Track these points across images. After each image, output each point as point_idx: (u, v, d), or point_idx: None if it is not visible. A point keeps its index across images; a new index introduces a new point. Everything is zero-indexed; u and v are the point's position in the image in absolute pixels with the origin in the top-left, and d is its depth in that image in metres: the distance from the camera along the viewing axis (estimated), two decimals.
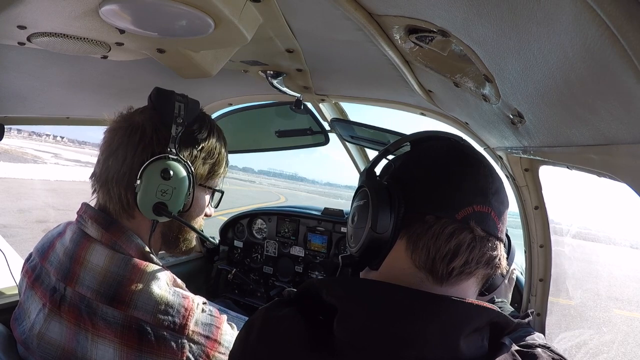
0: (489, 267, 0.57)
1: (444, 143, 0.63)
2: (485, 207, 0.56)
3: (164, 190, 0.85)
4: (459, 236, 0.54)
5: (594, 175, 0.67)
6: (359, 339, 0.50)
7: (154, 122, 0.87)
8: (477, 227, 0.55)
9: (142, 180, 0.84)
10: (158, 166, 0.84)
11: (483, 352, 0.51)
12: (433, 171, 0.59)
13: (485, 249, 0.55)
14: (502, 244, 0.59)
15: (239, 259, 2.23)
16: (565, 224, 5.71)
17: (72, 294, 0.80)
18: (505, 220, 0.60)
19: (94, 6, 0.64)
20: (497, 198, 0.58)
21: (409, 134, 0.68)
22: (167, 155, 0.85)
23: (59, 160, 23.65)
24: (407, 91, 1.10)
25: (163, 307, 0.78)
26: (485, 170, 0.60)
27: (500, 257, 0.58)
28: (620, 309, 5.74)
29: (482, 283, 0.60)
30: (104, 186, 0.87)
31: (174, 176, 0.85)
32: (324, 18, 0.75)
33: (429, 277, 0.55)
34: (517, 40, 0.47)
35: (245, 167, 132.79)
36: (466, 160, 0.61)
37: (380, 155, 0.67)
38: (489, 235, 0.56)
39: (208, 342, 0.81)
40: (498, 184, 0.60)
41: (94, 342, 0.77)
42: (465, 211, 0.55)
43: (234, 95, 1.64)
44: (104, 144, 0.89)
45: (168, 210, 0.86)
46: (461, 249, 0.54)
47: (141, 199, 0.84)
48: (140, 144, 0.85)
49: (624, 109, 0.44)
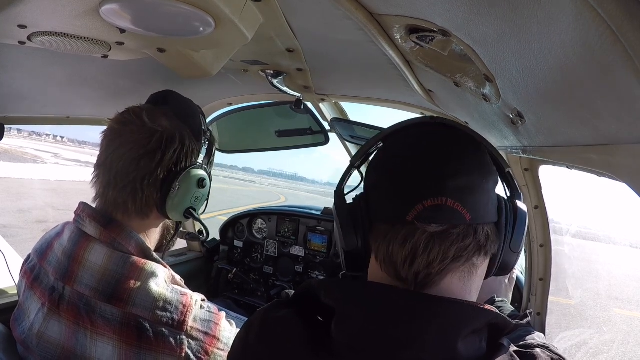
0: (462, 259, 0.53)
1: (401, 137, 0.60)
2: (437, 199, 0.51)
3: (198, 196, 0.94)
4: (412, 239, 0.52)
5: (594, 175, 0.67)
6: (357, 341, 0.50)
7: (189, 133, 0.93)
8: (430, 223, 0.51)
9: (180, 186, 0.89)
10: (196, 175, 0.92)
11: (481, 353, 0.51)
12: (382, 174, 0.57)
13: (449, 243, 0.51)
14: (483, 225, 0.54)
15: (239, 258, 2.23)
16: (565, 224, 5.70)
17: (71, 293, 0.80)
18: (480, 199, 0.54)
19: (94, 5, 0.64)
20: (460, 179, 0.52)
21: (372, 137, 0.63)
22: (202, 165, 0.95)
23: (59, 160, 23.65)
24: (408, 91, 1.10)
25: (161, 304, 0.79)
26: (443, 151, 0.54)
27: (482, 241, 0.53)
28: (621, 308, 5.74)
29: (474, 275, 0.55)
30: (129, 185, 0.85)
31: (206, 184, 0.95)
32: (324, 18, 0.75)
33: (400, 284, 0.54)
34: (517, 40, 0.47)
35: (245, 167, 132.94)
36: (419, 149, 0.56)
37: (347, 170, 0.66)
38: (453, 226, 0.52)
39: (207, 338, 0.82)
40: (460, 162, 0.53)
41: (93, 340, 0.78)
42: (415, 210, 0.51)
43: (234, 95, 1.64)
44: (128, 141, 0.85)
45: (195, 214, 0.95)
46: (417, 251, 0.52)
47: (175, 203, 0.90)
48: (176, 151, 0.89)
49: (624, 109, 0.44)
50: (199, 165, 0.93)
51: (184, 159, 0.90)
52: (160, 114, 0.91)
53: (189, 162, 0.91)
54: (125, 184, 0.85)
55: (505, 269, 0.60)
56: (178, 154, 0.88)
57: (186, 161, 0.90)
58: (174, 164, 0.88)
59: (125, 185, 0.85)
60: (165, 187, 0.87)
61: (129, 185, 0.85)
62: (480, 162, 0.56)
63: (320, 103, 1.55)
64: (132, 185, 0.85)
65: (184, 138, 0.90)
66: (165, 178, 0.87)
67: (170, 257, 1.95)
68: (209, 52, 0.90)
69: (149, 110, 0.90)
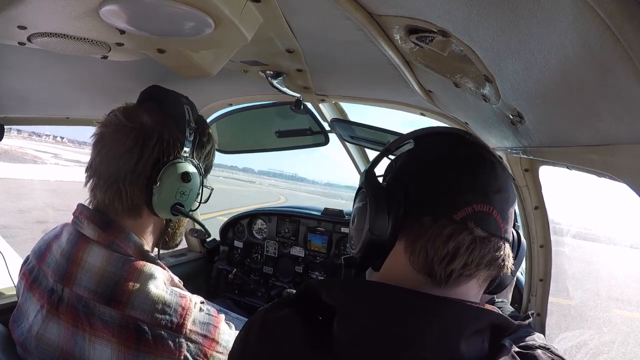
0: (491, 268, 0.55)
1: (446, 139, 0.62)
2: (485, 206, 0.54)
3: (183, 191, 0.90)
4: (458, 238, 0.53)
5: (594, 176, 0.67)
6: (359, 338, 0.50)
7: (169, 125, 0.90)
8: (477, 227, 0.53)
9: (161, 181, 0.86)
10: (178, 169, 0.88)
11: (483, 353, 0.51)
12: (431, 170, 0.58)
13: (487, 250, 0.54)
14: (508, 243, 0.57)
15: (239, 259, 2.22)
16: (565, 224, 5.70)
17: (70, 295, 0.80)
18: (511, 218, 0.58)
19: (94, 6, 0.64)
20: (501, 196, 0.56)
21: (411, 131, 0.66)
22: (185, 158, 0.90)
23: (58, 161, 23.63)
24: (407, 91, 1.10)
25: (160, 307, 0.78)
26: (487, 167, 0.57)
27: (505, 257, 0.56)
28: (621, 309, 5.74)
29: (486, 284, 0.58)
30: (113, 185, 0.86)
31: (192, 179, 0.90)
32: (324, 18, 0.75)
33: (428, 280, 0.54)
34: (517, 40, 0.47)
35: (246, 168, 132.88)
36: (467, 157, 0.59)
37: (381, 155, 0.66)
38: (491, 235, 0.54)
39: (206, 341, 0.81)
40: (502, 181, 0.58)
41: (91, 342, 0.77)
42: (464, 211, 0.53)
43: (234, 95, 1.64)
44: (109, 142, 0.88)
45: (184, 210, 0.91)
46: (460, 250, 0.53)
47: (160, 200, 0.87)
48: (156, 146, 0.87)
49: (624, 109, 0.44)
50: (183, 158, 0.90)
51: (166, 153, 0.88)
52: (142, 111, 0.91)
53: (172, 156, 0.89)
54: (108, 184, 0.86)
55: (501, 288, 0.64)
56: (158, 149, 0.87)
57: (169, 155, 0.88)
58: (156, 159, 0.87)
59: (109, 185, 0.86)
60: (149, 184, 0.86)
61: (113, 186, 0.86)
62: (511, 185, 0.60)
63: (320, 103, 1.55)
64: (115, 185, 0.86)
65: (162, 132, 0.88)
66: (150, 175, 0.86)
67: (170, 258, 1.95)
68: (209, 52, 0.90)
69: (129, 109, 0.91)
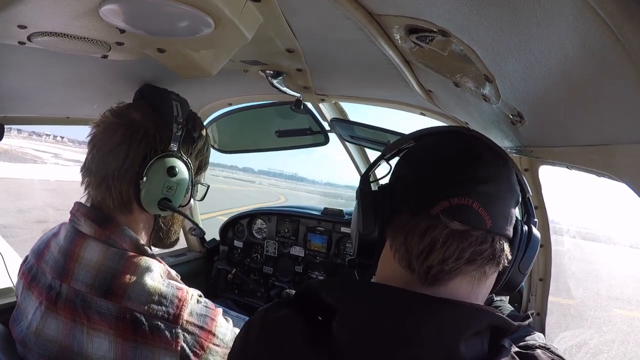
0: (476, 263, 0.53)
1: (436, 138, 0.62)
2: (463, 198, 0.52)
3: (170, 186, 0.90)
4: (433, 232, 0.52)
5: (594, 175, 0.67)
6: (358, 336, 0.50)
7: (155, 121, 0.91)
8: (453, 221, 0.51)
9: (147, 177, 0.87)
10: (164, 164, 0.89)
11: (483, 354, 0.51)
12: (416, 168, 0.59)
13: (466, 244, 0.52)
14: (502, 237, 0.55)
15: (239, 259, 2.22)
16: (565, 224, 5.70)
17: (68, 290, 0.81)
18: (507, 211, 0.56)
19: (94, 6, 0.64)
20: (487, 187, 0.54)
21: (407, 134, 0.66)
22: (171, 153, 0.91)
23: (58, 160, 23.61)
24: (407, 91, 1.10)
25: (156, 298, 0.79)
26: (473, 159, 0.56)
27: (497, 252, 0.54)
28: (621, 308, 5.74)
29: (482, 283, 0.56)
30: (103, 182, 0.88)
31: (178, 173, 0.91)
32: (324, 18, 0.75)
33: (413, 277, 0.54)
34: (517, 40, 0.47)
35: (245, 167, 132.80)
36: (453, 151, 0.58)
37: (377, 160, 0.68)
38: (472, 228, 0.52)
39: (202, 332, 0.82)
40: (492, 172, 0.56)
41: (89, 335, 0.78)
42: (441, 205, 0.52)
43: (234, 95, 1.64)
44: (99, 140, 0.90)
45: (172, 205, 0.91)
46: (436, 245, 0.52)
47: (147, 195, 0.88)
48: (142, 142, 0.88)
49: (624, 109, 0.44)
50: (169, 153, 0.91)
51: (153, 149, 0.89)
52: (132, 109, 0.93)
53: (159, 151, 0.90)
54: (99, 181, 0.88)
55: (510, 287, 0.61)
56: (145, 144, 0.88)
57: (156, 151, 0.89)
58: (144, 155, 0.88)
59: (100, 182, 0.88)
60: (137, 180, 0.88)
61: (103, 182, 0.88)
62: (507, 177, 0.58)
63: (320, 103, 1.55)
64: (105, 182, 0.88)
65: (148, 128, 0.89)
66: (138, 171, 0.88)
67: (170, 257, 1.95)
68: (209, 52, 0.90)
69: (119, 107, 0.93)
